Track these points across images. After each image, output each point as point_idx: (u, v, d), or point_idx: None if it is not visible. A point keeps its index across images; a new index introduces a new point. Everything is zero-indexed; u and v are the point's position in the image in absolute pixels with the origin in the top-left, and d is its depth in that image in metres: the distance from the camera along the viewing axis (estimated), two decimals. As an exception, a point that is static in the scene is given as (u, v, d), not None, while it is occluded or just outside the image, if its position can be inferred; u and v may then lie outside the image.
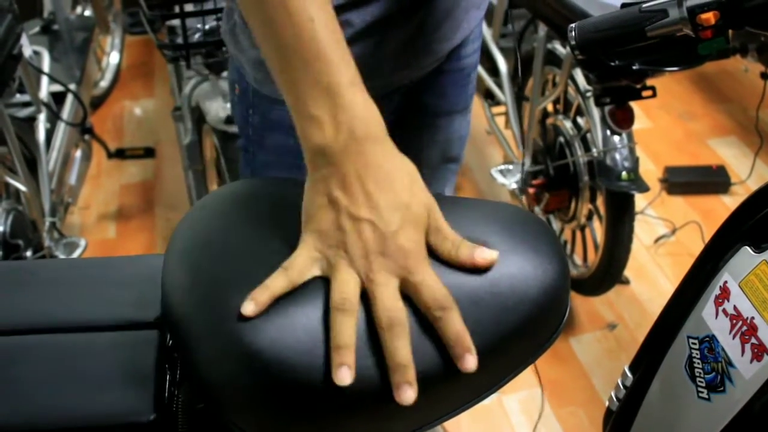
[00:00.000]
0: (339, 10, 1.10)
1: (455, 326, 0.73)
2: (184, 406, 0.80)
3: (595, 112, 1.94)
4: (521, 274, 0.79)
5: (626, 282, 2.30)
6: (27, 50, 2.13)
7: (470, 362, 0.73)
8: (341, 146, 0.74)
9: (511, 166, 2.34)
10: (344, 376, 0.69)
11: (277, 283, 0.73)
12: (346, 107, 0.75)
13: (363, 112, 0.76)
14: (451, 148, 1.45)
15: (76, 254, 2.10)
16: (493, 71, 2.57)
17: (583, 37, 1.03)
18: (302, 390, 0.70)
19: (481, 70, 2.60)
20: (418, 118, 1.39)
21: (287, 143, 1.22)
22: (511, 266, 0.79)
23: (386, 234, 0.73)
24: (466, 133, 1.48)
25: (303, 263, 0.74)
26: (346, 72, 0.76)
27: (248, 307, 0.71)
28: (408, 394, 0.71)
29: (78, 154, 2.50)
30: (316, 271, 0.74)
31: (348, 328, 0.71)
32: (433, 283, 0.73)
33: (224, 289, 0.75)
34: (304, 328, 0.71)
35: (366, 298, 0.73)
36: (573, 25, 1.06)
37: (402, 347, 0.71)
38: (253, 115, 1.27)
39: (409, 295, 0.73)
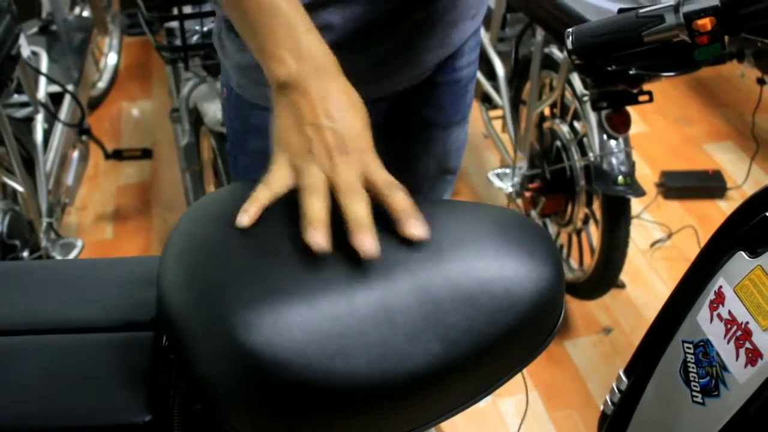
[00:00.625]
0: (315, 7, 1.08)
1: (402, 201, 0.79)
2: (180, 406, 0.80)
3: (592, 117, 1.94)
4: (516, 277, 0.79)
5: (622, 286, 2.31)
6: (25, 51, 2.13)
7: (417, 227, 0.78)
8: (304, 77, 0.83)
9: (507, 170, 2.34)
10: (318, 239, 0.75)
11: (262, 194, 0.81)
12: (305, 46, 0.84)
13: (321, 51, 0.85)
14: (449, 159, 1.45)
15: (72, 255, 2.10)
16: (490, 75, 2.57)
17: (580, 42, 1.03)
18: (298, 390, 0.71)
19: (478, 73, 2.60)
20: (416, 130, 1.39)
21: (267, 148, 1.24)
22: (506, 269, 0.79)
23: (346, 136, 0.81)
24: (464, 144, 1.47)
25: (279, 176, 0.82)
26: (302, 19, 0.86)
27: (243, 220, 0.79)
28: (368, 245, 0.75)
29: (75, 154, 2.51)
30: (290, 182, 0.81)
31: (318, 205, 0.78)
32: (386, 174, 0.81)
33: (220, 289, 0.75)
34: (299, 327, 0.71)
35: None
36: (570, 30, 1.07)
37: (360, 208, 0.77)
38: (235, 119, 1.28)
39: (366, 187, 0.80)
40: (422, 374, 0.73)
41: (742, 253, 0.89)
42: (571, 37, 1.04)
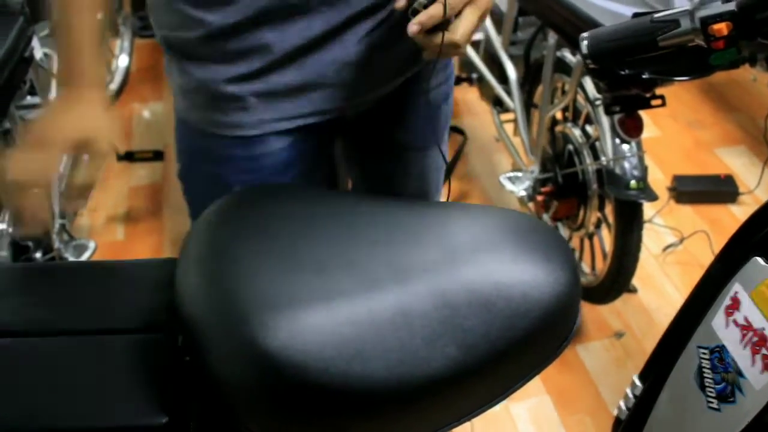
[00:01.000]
0: (248, 27, 1.08)
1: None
2: (197, 409, 0.81)
3: (605, 121, 1.93)
4: (533, 281, 0.79)
5: (634, 291, 2.30)
6: (38, 52, 2.14)
7: None
8: (67, 87, 1.06)
9: (519, 174, 2.34)
10: None
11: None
12: (79, 66, 1.05)
13: (90, 72, 1.05)
14: (428, 182, 1.42)
15: (85, 256, 2.11)
16: (502, 78, 2.57)
17: (595, 46, 1.03)
18: (315, 393, 0.71)
19: (490, 77, 2.60)
20: (391, 152, 1.36)
21: (212, 172, 1.23)
22: (523, 273, 0.79)
23: (53, 134, 1.02)
24: (442, 166, 1.44)
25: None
26: (88, 48, 1.07)
27: None
28: None
29: (87, 156, 2.50)
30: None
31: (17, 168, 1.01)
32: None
33: (238, 293, 0.75)
34: (316, 331, 0.71)
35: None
36: (585, 34, 1.07)
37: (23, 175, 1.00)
38: (182, 142, 1.26)
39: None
40: (439, 378, 0.74)
41: (758, 259, 0.88)
42: (586, 42, 1.04)
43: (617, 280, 2.03)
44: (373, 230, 0.83)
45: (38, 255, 1.96)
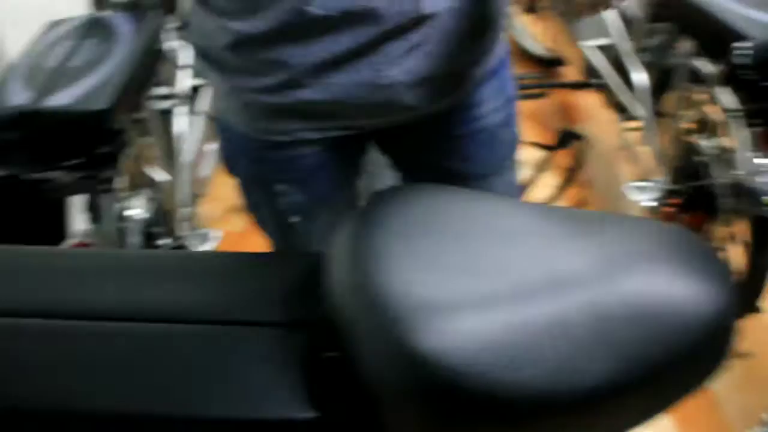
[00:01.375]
0: (267, 42, 1.07)
1: None
2: (345, 406, 0.80)
3: (741, 133, 1.86)
4: (693, 298, 0.77)
5: (760, 311, 2.21)
6: (168, 45, 2.21)
7: None
8: None
9: (647, 183, 2.28)
10: None
11: None
12: None
13: None
14: None
15: (209, 246, 2.15)
16: (627, 86, 2.51)
17: (760, 57, 1.00)
18: (468, 398, 0.70)
19: (616, 83, 2.55)
20: (446, 181, 1.29)
21: (251, 170, 1.27)
22: (681, 289, 0.77)
23: None
24: (512, 191, 1.39)
25: None
26: None
27: None
28: None
29: (210, 147, 2.57)
30: None
31: None
32: None
33: (391, 292, 0.74)
34: (470, 335, 0.70)
35: None
36: (747, 44, 1.03)
37: None
38: (222, 139, 1.30)
39: None
40: (594, 391, 0.72)
41: None
42: (749, 51, 1.00)
43: (746, 299, 1.96)
44: (529, 235, 0.81)
45: (165, 242, 2.01)
